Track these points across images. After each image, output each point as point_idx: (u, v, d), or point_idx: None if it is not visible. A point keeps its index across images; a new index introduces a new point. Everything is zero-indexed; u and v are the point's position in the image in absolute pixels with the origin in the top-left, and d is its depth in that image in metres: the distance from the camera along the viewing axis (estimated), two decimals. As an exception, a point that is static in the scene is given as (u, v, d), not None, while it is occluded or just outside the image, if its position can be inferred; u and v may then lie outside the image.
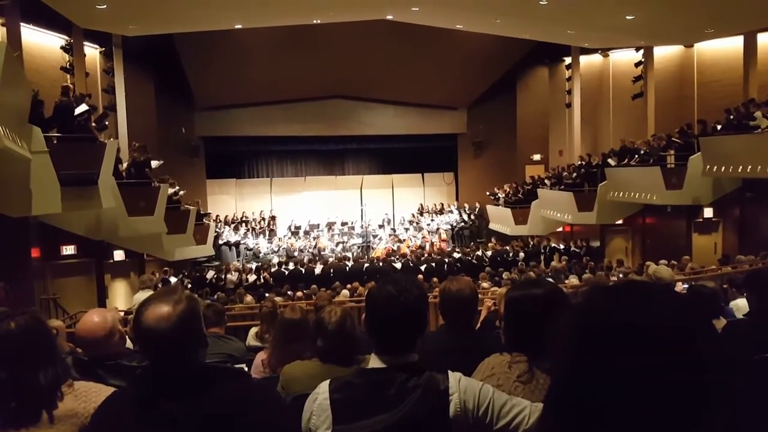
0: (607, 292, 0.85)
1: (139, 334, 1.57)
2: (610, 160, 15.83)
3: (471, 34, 17.76)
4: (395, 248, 19.72)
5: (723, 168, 12.30)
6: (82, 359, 2.43)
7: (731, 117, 12.90)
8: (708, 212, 15.14)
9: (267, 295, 11.02)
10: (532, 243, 18.27)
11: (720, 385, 0.75)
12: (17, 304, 7.59)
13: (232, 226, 20.88)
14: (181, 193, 15.27)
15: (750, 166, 11.45)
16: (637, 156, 15.00)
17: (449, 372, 1.71)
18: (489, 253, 17.23)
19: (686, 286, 6.24)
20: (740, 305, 5.01)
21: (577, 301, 0.91)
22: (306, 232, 21.53)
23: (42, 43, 13.73)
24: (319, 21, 16.19)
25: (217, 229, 19.36)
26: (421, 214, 23.55)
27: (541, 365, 1.83)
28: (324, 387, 1.74)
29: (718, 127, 13.20)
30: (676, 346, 0.75)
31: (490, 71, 21.23)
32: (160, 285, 11.31)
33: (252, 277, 15.37)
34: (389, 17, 16.14)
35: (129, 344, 2.92)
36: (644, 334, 0.76)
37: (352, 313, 2.75)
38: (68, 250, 12.33)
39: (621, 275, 11.23)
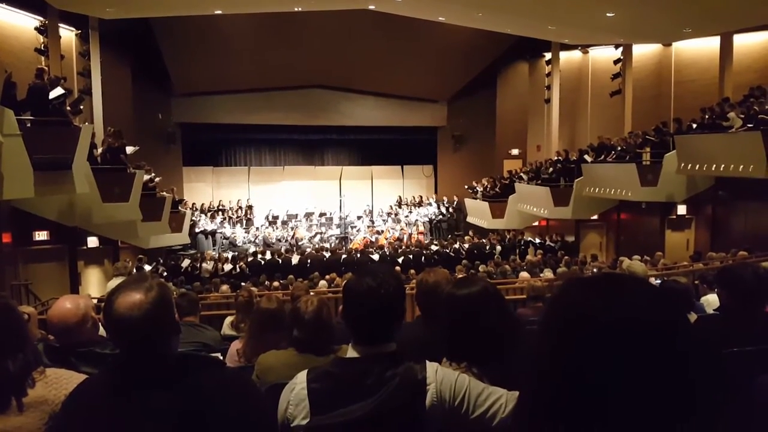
0: (582, 285, 0.86)
1: (111, 322, 1.54)
2: (586, 156, 16.01)
3: (453, 28, 17.74)
4: (373, 240, 19.74)
5: (697, 166, 12.51)
6: (54, 346, 2.38)
7: (706, 116, 13.10)
8: (681, 209, 15.40)
9: (243, 284, 10.94)
10: (508, 237, 18.43)
11: (697, 373, 0.76)
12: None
13: (209, 214, 20.67)
14: (157, 179, 15.08)
15: (723, 165, 11.66)
16: (613, 152, 15.18)
17: (427, 362, 1.71)
18: (466, 245, 17.32)
19: (659, 281, 6.35)
20: (711, 300, 5.12)
21: (553, 295, 0.91)
22: (284, 222, 21.43)
23: (15, 23, 13.36)
24: (300, 9, 16.02)
25: (193, 218, 19.14)
26: (400, 206, 23.59)
27: (479, 369, 1.82)
28: (302, 377, 1.73)
29: (694, 125, 13.39)
30: (653, 336, 0.76)
31: (471, 65, 21.27)
32: (134, 272, 11.17)
33: (228, 267, 15.25)
34: (371, 7, 16.03)
35: (102, 331, 2.88)
36: (621, 326, 0.76)
37: (328, 303, 2.74)
38: (41, 235, 12.09)
39: (595, 270, 11.38)
